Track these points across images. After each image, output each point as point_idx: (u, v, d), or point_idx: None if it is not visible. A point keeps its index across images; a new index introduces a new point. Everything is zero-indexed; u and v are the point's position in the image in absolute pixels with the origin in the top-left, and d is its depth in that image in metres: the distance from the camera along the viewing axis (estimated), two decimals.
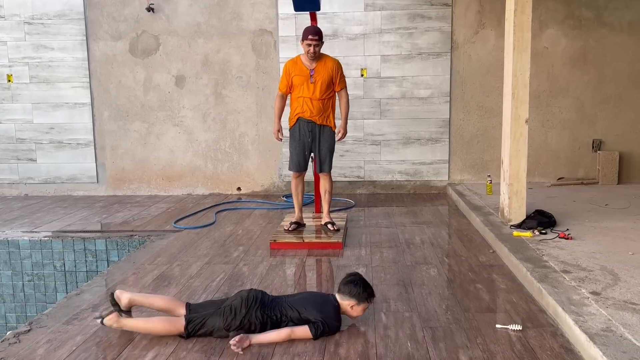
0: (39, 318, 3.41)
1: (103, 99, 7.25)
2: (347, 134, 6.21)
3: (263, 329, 3.03)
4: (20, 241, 5.28)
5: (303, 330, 3.00)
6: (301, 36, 4.81)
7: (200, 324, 3.02)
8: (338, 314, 3.10)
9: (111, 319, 3.06)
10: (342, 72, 4.94)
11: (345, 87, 5.00)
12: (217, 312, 3.06)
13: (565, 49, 6.87)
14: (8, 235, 5.40)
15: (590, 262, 3.87)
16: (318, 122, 4.90)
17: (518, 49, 4.71)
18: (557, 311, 3.14)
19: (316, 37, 4.71)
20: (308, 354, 2.85)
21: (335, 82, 4.90)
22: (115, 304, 3.23)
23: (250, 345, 2.94)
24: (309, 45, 4.72)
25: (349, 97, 5.14)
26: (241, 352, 2.87)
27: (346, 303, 3.12)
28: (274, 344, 2.95)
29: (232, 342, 2.90)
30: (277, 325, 3.04)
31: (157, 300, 3.27)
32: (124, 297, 3.23)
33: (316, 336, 2.99)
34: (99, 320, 3.11)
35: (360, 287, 3.12)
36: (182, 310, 3.16)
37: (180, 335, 3.04)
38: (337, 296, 3.16)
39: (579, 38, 6.84)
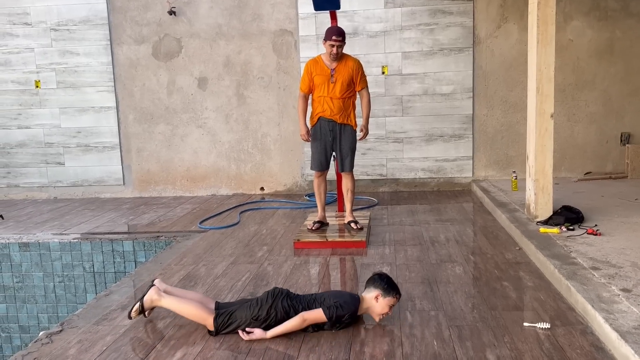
0: (70, 319, 3.49)
1: (128, 103, 7.37)
2: (370, 132, 6.27)
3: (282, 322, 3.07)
4: (50, 243, 5.41)
5: (316, 313, 3.02)
6: (324, 36, 4.80)
7: (227, 316, 3.08)
8: (354, 299, 3.10)
9: (153, 292, 3.23)
10: (362, 72, 4.93)
11: (367, 86, 4.99)
12: (243, 305, 3.12)
13: (591, 41, 6.73)
14: (39, 237, 5.53)
15: (620, 258, 3.79)
16: (339, 121, 4.91)
17: (542, 43, 4.63)
18: (587, 309, 3.09)
19: (340, 38, 4.70)
20: (334, 353, 2.86)
21: (356, 81, 4.90)
22: (143, 296, 3.36)
23: (265, 339, 2.99)
24: (332, 45, 4.71)
25: (371, 96, 5.13)
26: (246, 337, 2.99)
27: (371, 295, 3.10)
28: (299, 344, 2.96)
29: (244, 332, 3.01)
30: None
31: (189, 295, 3.37)
32: (159, 288, 3.37)
33: (330, 317, 3.00)
34: (137, 306, 3.25)
35: (385, 280, 3.15)
36: (212, 306, 3.25)
37: (209, 332, 3.10)
38: (365, 291, 3.17)
39: (605, 29, 6.70)
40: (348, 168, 5.00)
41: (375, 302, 3.10)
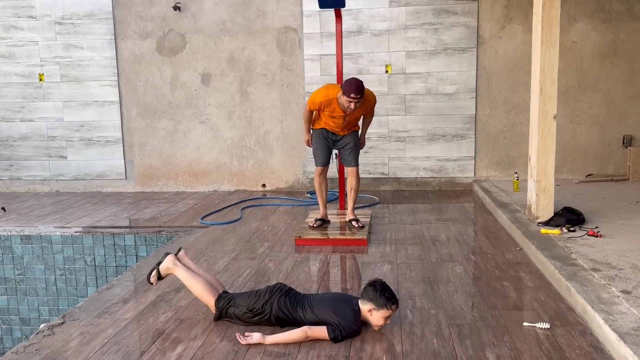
0: (72, 311, 3.50)
1: (131, 97, 7.38)
2: (372, 131, 6.54)
3: (279, 323, 3.07)
4: (52, 236, 5.42)
5: (320, 331, 2.94)
6: (343, 87, 4.52)
7: (227, 300, 3.19)
8: (357, 319, 3.00)
9: (169, 260, 3.38)
10: (374, 106, 4.92)
11: (373, 113, 5.02)
12: (244, 294, 3.25)
13: (594, 43, 6.73)
14: (41, 230, 5.54)
15: (620, 260, 3.80)
16: (341, 135, 4.96)
17: (546, 44, 4.64)
18: (586, 310, 3.10)
19: (358, 96, 4.46)
20: (334, 350, 2.87)
21: (366, 113, 4.92)
22: (159, 263, 3.47)
23: (263, 344, 2.92)
24: (350, 102, 4.50)
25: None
26: (243, 342, 2.93)
27: (365, 307, 3.00)
28: (298, 343, 2.97)
29: (242, 337, 2.96)
30: (294, 324, 3.03)
31: (204, 275, 3.46)
32: (177, 258, 3.48)
33: (335, 339, 2.91)
34: (154, 272, 3.42)
35: (379, 291, 2.97)
36: (220, 291, 3.37)
37: (214, 317, 3.23)
38: (359, 301, 3.05)
39: (609, 32, 6.70)
40: (353, 162, 4.98)
41: (369, 314, 2.99)
